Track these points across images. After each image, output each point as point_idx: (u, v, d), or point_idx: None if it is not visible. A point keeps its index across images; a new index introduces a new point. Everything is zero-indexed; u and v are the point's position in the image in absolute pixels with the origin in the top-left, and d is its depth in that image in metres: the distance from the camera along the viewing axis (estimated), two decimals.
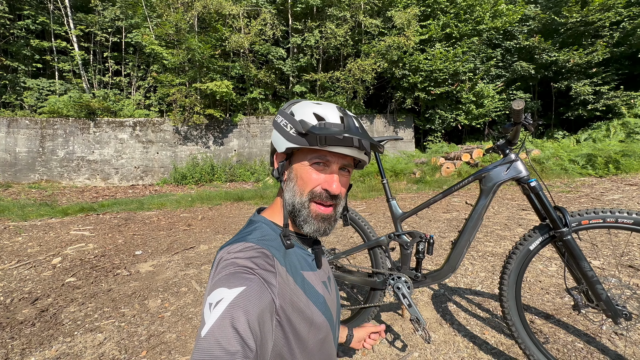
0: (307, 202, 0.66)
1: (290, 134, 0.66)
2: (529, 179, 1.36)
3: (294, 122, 0.66)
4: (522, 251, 1.38)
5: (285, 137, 0.66)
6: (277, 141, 0.69)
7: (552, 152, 7.77)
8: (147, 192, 8.58)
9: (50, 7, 11.91)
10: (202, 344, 0.45)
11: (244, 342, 0.46)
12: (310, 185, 0.66)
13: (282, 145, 0.67)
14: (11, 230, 4.43)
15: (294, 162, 0.69)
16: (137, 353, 1.69)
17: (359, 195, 6.41)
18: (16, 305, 2.29)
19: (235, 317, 0.47)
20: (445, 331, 1.77)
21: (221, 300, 0.49)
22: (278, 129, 0.69)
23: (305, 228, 0.67)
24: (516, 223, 3.78)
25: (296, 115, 0.67)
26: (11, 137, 9.87)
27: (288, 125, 0.67)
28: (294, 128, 0.65)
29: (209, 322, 0.47)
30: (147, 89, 12.50)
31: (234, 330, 0.46)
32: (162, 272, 2.86)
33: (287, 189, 0.68)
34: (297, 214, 0.67)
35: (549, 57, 11.09)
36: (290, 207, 0.68)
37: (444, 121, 11.16)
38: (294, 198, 0.67)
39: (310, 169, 0.66)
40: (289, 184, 0.68)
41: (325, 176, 0.67)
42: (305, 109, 0.68)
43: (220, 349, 0.45)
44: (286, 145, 0.66)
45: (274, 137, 0.71)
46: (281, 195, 0.72)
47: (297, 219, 0.67)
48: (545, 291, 2.13)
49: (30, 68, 11.88)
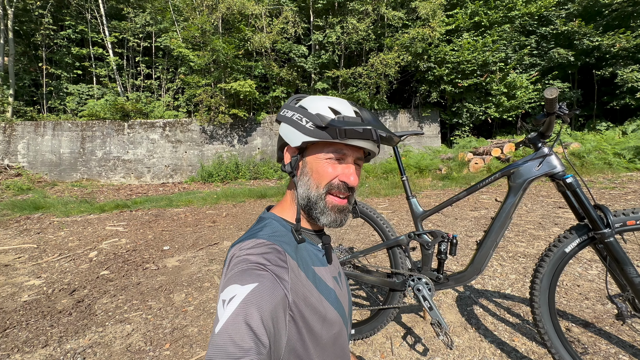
0: (324, 195, 0.67)
1: (307, 128, 0.65)
2: (564, 175, 1.24)
3: (310, 115, 0.66)
4: (557, 253, 1.27)
5: (302, 131, 0.66)
6: (289, 135, 0.68)
7: (594, 145, 7.18)
8: (176, 190, 8.96)
9: (88, 16, 12.72)
10: (216, 341, 0.46)
11: (257, 339, 0.46)
12: (327, 178, 0.67)
13: (296, 139, 0.67)
14: (55, 225, 4.79)
15: (308, 156, 0.68)
16: (161, 345, 1.76)
17: (382, 192, 6.28)
18: (56, 295, 2.46)
19: (248, 313, 0.48)
20: (471, 336, 1.68)
21: (234, 297, 0.50)
22: (290, 123, 0.68)
23: (322, 220, 0.68)
24: (552, 222, 3.53)
25: (310, 109, 0.67)
26: (56, 139, 10.68)
27: (303, 119, 0.66)
28: (312, 122, 0.65)
29: (222, 319, 0.48)
30: (175, 90, 13.03)
31: (247, 326, 0.47)
32: (187, 267, 2.96)
33: (301, 183, 0.68)
34: (313, 206, 0.67)
35: (590, 42, 10.22)
36: (304, 201, 0.68)
37: (472, 115, 10.64)
38: (309, 191, 0.67)
39: (326, 162, 0.67)
40: (302, 178, 0.68)
41: (342, 168, 0.67)
42: (318, 102, 0.68)
43: (234, 346, 0.45)
44: (302, 139, 0.66)
45: (285, 131, 0.70)
46: (292, 191, 0.72)
47: (313, 211, 0.68)
48: (584, 297, 1.96)
49: (71, 75, 12.79)
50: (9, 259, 3.33)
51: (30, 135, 10.59)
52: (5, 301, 2.37)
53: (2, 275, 2.88)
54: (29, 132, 10.60)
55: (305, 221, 0.72)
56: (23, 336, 1.89)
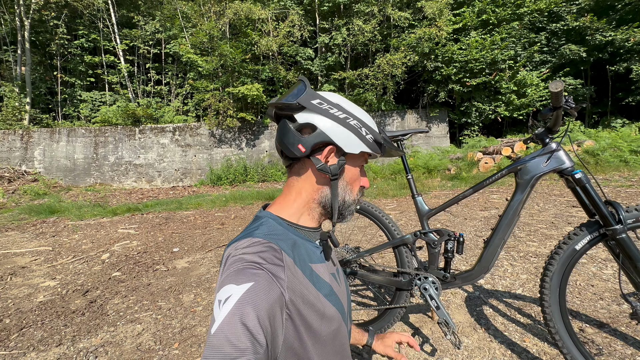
0: (357, 198, 0.74)
1: (367, 139, 0.68)
2: (573, 171, 1.21)
3: (367, 127, 0.69)
4: (567, 251, 1.24)
5: (362, 141, 0.68)
6: (345, 139, 0.66)
7: (609, 142, 6.99)
8: (185, 193, 9.10)
9: (100, 25, 13.09)
10: (212, 341, 0.46)
11: (253, 338, 0.46)
12: (358, 184, 0.73)
13: (355, 146, 0.67)
14: (69, 228, 4.92)
15: (349, 162, 0.71)
16: (170, 344, 1.78)
17: (390, 193, 6.24)
18: (70, 296, 2.53)
19: (244, 313, 0.47)
20: (480, 336, 1.65)
21: (230, 296, 0.49)
22: (346, 126, 0.66)
23: (348, 217, 0.74)
24: (565, 221, 3.44)
25: (365, 120, 0.70)
26: (70, 145, 10.99)
27: (362, 129, 0.68)
28: (371, 135, 0.69)
29: (218, 319, 0.48)
30: (184, 95, 13.27)
31: (243, 326, 0.46)
32: (196, 269, 3.00)
33: (339, 186, 0.70)
34: (347, 209, 0.73)
35: (603, 38, 9.98)
36: (341, 204, 0.71)
37: (481, 114, 10.49)
38: (345, 195, 0.71)
39: (358, 170, 0.73)
40: (341, 182, 0.71)
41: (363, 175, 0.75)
42: (362, 114, 0.71)
43: (230, 346, 0.45)
44: (362, 149, 0.68)
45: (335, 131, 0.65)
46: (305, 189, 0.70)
47: (345, 212, 0.73)
48: (599, 297, 1.91)
49: (84, 82, 13.16)
50: (25, 261, 3.43)
51: (46, 141, 10.93)
52: (22, 302, 2.44)
53: (19, 277, 2.97)
54: (44, 138, 10.94)
55: (306, 218, 0.71)
56: (38, 335, 1.95)
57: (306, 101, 0.65)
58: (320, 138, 0.65)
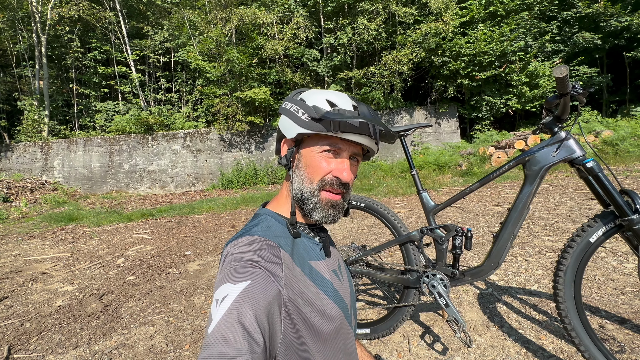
0: (317, 191, 0.65)
1: (302, 120, 0.64)
2: (584, 160, 1.17)
3: (306, 107, 0.65)
4: (581, 244, 1.19)
5: (297, 123, 0.65)
6: (286, 127, 0.68)
7: (628, 131, 6.71)
8: (198, 198, 9.24)
9: (112, 37, 13.49)
10: (209, 341, 0.46)
11: (250, 338, 0.46)
12: (320, 173, 0.65)
13: (292, 130, 0.66)
14: (87, 234, 5.07)
15: (303, 149, 0.67)
16: (181, 346, 1.81)
17: (400, 191, 6.17)
18: (87, 300, 2.60)
19: (241, 312, 0.47)
20: (493, 334, 1.60)
21: (227, 296, 0.49)
22: (288, 115, 0.67)
23: (314, 215, 0.66)
24: (582, 214, 3.32)
25: (308, 101, 0.66)
26: (87, 155, 11.35)
27: (300, 110, 0.65)
28: (307, 113, 0.64)
29: (215, 319, 0.47)
30: (194, 102, 13.51)
31: (240, 325, 0.46)
32: (207, 271, 3.04)
33: (295, 176, 0.67)
34: (306, 201, 0.65)
35: (619, 23, 9.59)
36: (298, 196, 0.66)
37: (492, 108, 10.25)
38: (303, 186, 0.65)
39: (321, 157, 0.65)
40: (297, 172, 0.67)
41: (336, 163, 0.65)
42: (317, 95, 0.67)
43: (227, 345, 0.44)
44: (297, 131, 0.64)
45: (283, 122, 0.69)
46: (288, 184, 0.71)
47: (305, 206, 0.66)
48: (620, 292, 1.82)
49: (99, 93, 13.58)
50: (46, 267, 3.56)
51: (64, 152, 11.33)
52: (42, 306, 2.53)
53: (39, 283, 3.07)
54: (62, 149, 11.34)
55: (301, 215, 0.71)
56: (56, 338, 2.01)
57: (280, 108, 0.72)
58: (279, 134, 0.72)
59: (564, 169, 6.12)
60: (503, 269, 2.31)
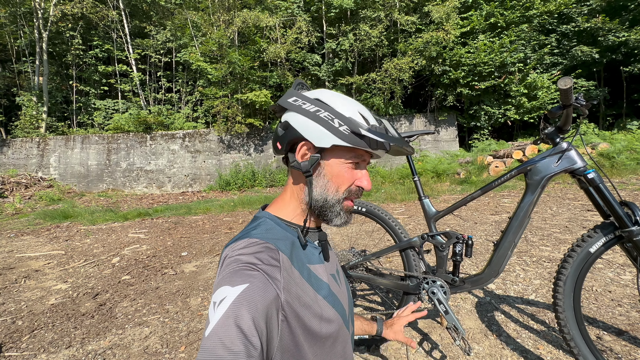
0: (343, 199, 0.67)
1: (340, 131, 0.62)
2: (585, 170, 1.18)
3: (342, 118, 0.63)
4: (581, 254, 1.20)
5: (334, 133, 0.62)
6: (314, 132, 0.63)
7: (624, 144, 6.80)
8: (195, 198, 9.20)
9: (114, 36, 13.50)
10: (206, 344, 0.45)
11: (247, 341, 0.45)
12: (346, 183, 0.66)
13: (325, 140, 0.62)
14: (82, 233, 5.02)
15: (328, 157, 0.65)
16: (176, 348, 1.78)
17: (399, 197, 6.18)
18: (81, 299, 2.56)
19: (238, 315, 0.47)
20: (491, 343, 1.60)
21: (224, 298, 0.49)
22: (315, 120, 0.63)
23: (335, 221, 0.67)
24: (579, 225, 3.34)
25: (341, 111, 0.64)
26: (84, 152, 11.28)
27: (335, 120, 0.62)
28: (345, 125, 0.62)
29: (212, 321, 0.47)
30: (194, 102, 13.52)
31: (237, 329, 0.46)
32: (203, 272, 3.01)
33: (316, 184, 0.65)
34: (330, 209, 0.66)
35: (616, 38, 9.77)
36: (320, 203, 0.66)
37: (490, 117, 10.36)
38: (327, 194, 0.65)
39: (346, 167, 0.66)
40: (319, 179, 0.65)
41: (360, 174, 0.68)
42: (348, 105, 0.65)
43: (224, 349, 0.44)
44: (333, 142, 0.62)
45: (306, 125, 0.63)
46: (295, 188, 0.69)
47: (327, 213, 0.67)
48: (617, 303, 1.83)
49: (98, 91, 13.55)
50: (39, 264, 3.51)
51: (61, 149, 11.25)
52: (34, 304, 2.49)
53: (32, 280, 3.03)
54: (60, 146, 11.26)
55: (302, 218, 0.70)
56: (49, 337, 1.98)
57: (284, 101, 0.67)
58: (293, 134, 0.65)
59: (561, 180, 6.17)
60: (501, 278, 2.32)
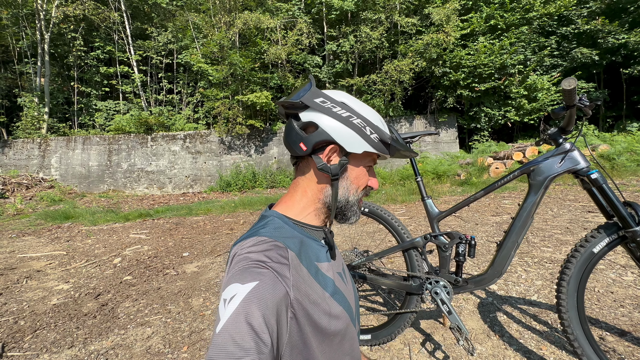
0: (360, 198, 0.73)
1: (371, 139, 0.67)
2: (588, 171, 1.19)
3: (372, 126, 0.68)
4: (584, 254, 1.20)
5: (367, 140, 0.67)
6: (347, 138, 0.65)
7: (624, 146, 6.80)
8: (195, 199, 9.20)
9: (115, 37, 13.55)
10: (216, 340, 0.46)
11: (258, 338, 0.46)
12: (363, 184, 0.72)
13: (357, 146, 0.66)
14: (83, 233, 5.02)
15: (353, 162, 0.70)
16: (179, 348, 1.78)
17: (399, 198, 6.19)
18: (83, 299, 2.56)
19: (249, 312, 0.47)
20: (494, 344, 1.60)
21: (235, 295, 0.49)
22: (349, 125, 0.65)
23: (352, 218, 0.73)
24: (580, 226, 3.34)
25: (370, 119, 0.68)
26: (85, 153, 11.29)
27: (367, 128, 0.67)
28: (375, 134, 0.68)
29: (223, 318, 0.48)
30: (195, 104, 13.54)
31: (248, 325, 0.46)
32: (205, 273, 3.01)
33: (341, 185, 0.70)
34: (350, 208, 0.72)
35: (616, 40, 9.80)
36: (343, 203, 0.71)
37: (491, 119, 10.37)
38: (348, 195, 0.70)
39: (364, 170, 0.72)
40: (343, 181, 0.70)
41: (372, 175, 0.75)
42: (370, 114, 0.70)
43: (235, 345, 0.45)
44: (365, 149, 0.67)
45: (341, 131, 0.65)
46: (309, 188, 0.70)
47: (347, 212, 0.72)
48: (619, 304, 1.83)
49: (100, 92, 13.58)
50: (41, 265, 3.51)
51: (62, 149, 11.27)
52: (36, 304, 2.49)
53: (34, 280, 3.03)
54: (61, 146, 11.28)
55: (312, 217, 0.71)
56: (51, 337, 1.98)
57: (309, 100, 0.66)
58: (322, 137, 0.65)
59: (562, 181, 6.17)
60: (503, 278, 2.32)
